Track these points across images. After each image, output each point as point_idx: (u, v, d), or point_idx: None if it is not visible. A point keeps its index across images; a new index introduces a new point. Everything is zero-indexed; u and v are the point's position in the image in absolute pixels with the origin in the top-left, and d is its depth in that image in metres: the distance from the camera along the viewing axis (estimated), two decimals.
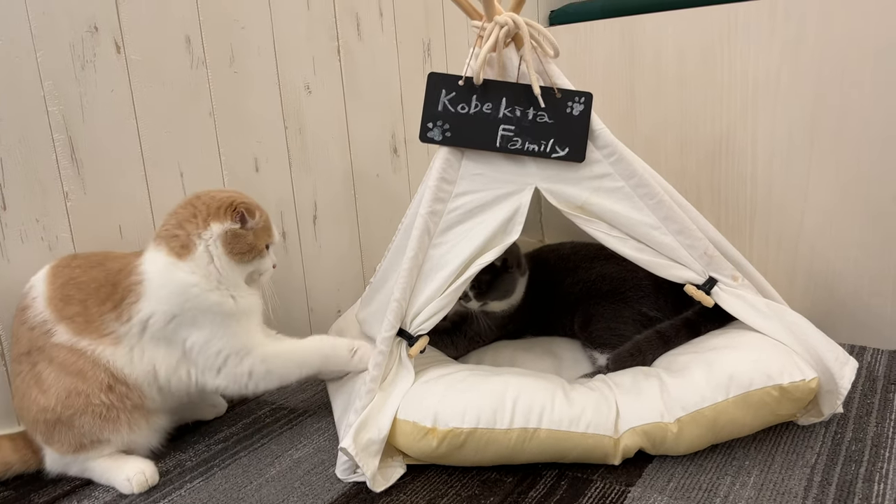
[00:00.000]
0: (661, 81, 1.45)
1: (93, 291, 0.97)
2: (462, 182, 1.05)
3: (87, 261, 1.00)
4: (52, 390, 0.94)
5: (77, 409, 0.94)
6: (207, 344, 0.99)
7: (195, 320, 0.98)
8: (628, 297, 1.21)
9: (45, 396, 0.94)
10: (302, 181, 1.35)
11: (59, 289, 0.97)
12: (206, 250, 0.99)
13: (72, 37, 1.06)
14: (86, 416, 0.94)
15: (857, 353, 1.26)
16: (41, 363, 0.95)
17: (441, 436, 0.92)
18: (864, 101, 1.22)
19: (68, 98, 1.06)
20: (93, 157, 1.10)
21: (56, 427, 0.95)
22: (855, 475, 0.91)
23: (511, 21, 1.00)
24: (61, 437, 0.95)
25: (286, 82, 1.30)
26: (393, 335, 1.01)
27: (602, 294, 1.23)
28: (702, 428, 0.94)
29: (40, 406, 0.94)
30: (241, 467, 1.02)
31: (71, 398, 0.94)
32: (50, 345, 0.95)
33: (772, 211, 1.35)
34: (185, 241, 0.99)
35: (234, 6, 1.22)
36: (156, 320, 0.97)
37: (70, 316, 0.96)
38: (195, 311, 0.98)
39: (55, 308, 0.96)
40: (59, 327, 0.95)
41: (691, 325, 1.12)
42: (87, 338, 0.95)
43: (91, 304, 0.96)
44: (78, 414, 0.94)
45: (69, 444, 0.96)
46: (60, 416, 0.94)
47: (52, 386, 0.94)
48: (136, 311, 0.96)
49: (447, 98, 1.04)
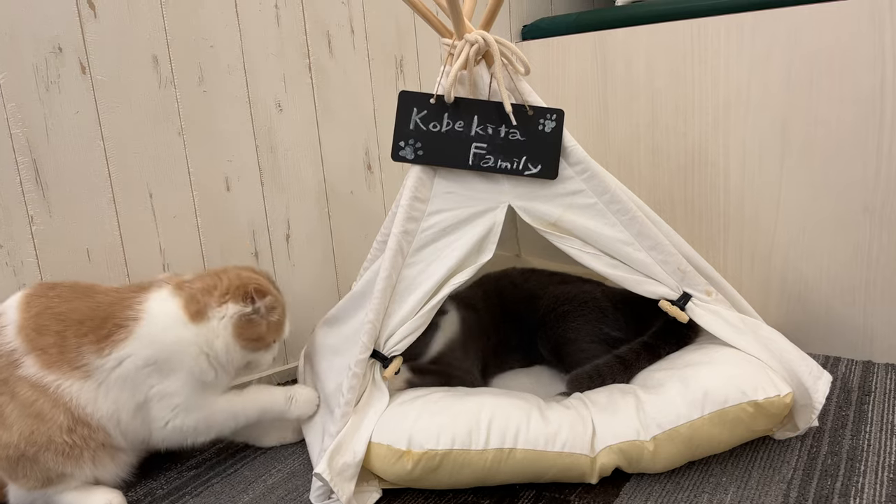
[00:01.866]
0: (633, 95, 1.45)
1: (73, 323, 0.94)
2: (435, 200, 1.04)
3: (69, 291, 0.98)
4: (14, 427, 0.91)
5: (41, 446, 0.91)
6: (169, 397, 0.97)
7: (171, 373, 0.96)
8: (588, 317, 1.20)
9: (7, 432, 0.91)
10: (274, 200, 1.33)
11: (34, 318, 0.94)
12: (216, 326, 0.98)
13: (35, 58, 1.04)
14: (49, 453, 0.92)
15: (831, 364, 1.26)
16: (3, 396, 0.92)
17: (416, 458, 0.91)
18: (831, 112, 1.23)
19: (32, 120, 1.04)
20: (58, 179, 1.08)
21: (20, 463, 0.92)
22: (831, 490, 0.91)
23: (481, 39, 0.99)
24: (26, 472, 0.92)
25: (257, 100, 1.28)
26: (367, 357, 0.99)
27: (562, 315, 1.22)
28: (678, 446, 0.94)
29: (2, 442, 0.91)
30: (214, 495, 1.00)
31: (34, 436, 0.91)
32: (15, 377, 0.92)
33: (745, 223, 1.36)
34: (201, 309, 0.98)
35: (203, 25, 1.20)
36: (133, 360, 0.94)
37: (42, 347, 0.93)
38: (178, 365, 0.96)
39: (26, 338, 0.93)
40: (27, 359, 0.92)
41: (650, 348, 1.12)
42: (55, 372, 0.93)
43: (69, 334, 0.94)
44: (42, 450, 0.92)
45: (35, 479, 0.93)
46: (24, 453, 0.91)
47: (15, 423, 0.91)
48: (121, 347, 0.94)
49: (419, 116, 1.03)
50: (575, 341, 1.19)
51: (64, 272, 1.10)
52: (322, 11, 1.35)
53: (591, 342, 1.18)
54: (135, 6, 1.13)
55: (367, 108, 1.43)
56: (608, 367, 1.10)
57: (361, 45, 1.41)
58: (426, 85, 1.53)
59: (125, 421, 0.96)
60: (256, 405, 1.05)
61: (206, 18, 1.21)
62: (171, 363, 0.96)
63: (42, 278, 1.07)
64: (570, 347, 1.19)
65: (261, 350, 1.03)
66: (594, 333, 1.19)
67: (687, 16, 1.37)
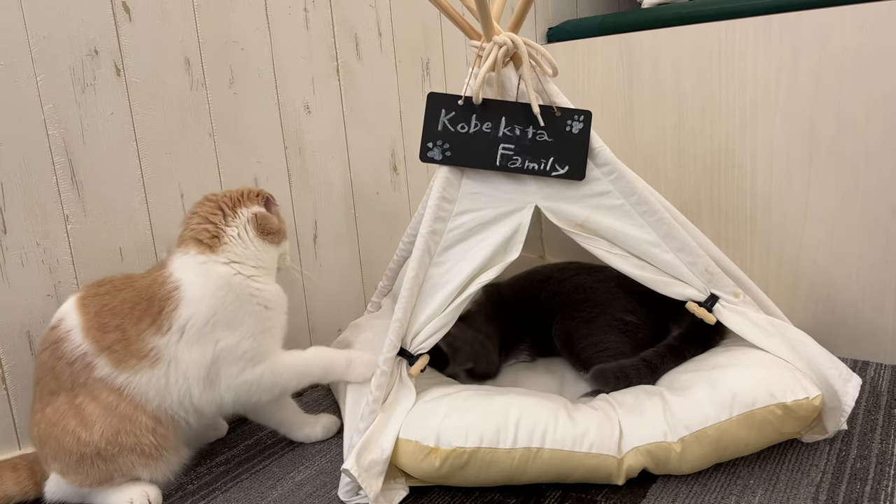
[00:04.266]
0: (659, 97, 1.45)
1: (127, 312, 0.96)
2: (462, 201, 1.05)
3: (112, 286, 1.00)
4: (97, 426, 0.93)
5: (124, 447, 0.94)
6: (235, 347, 0.98)
7: (233, 319, 0.98)
8: (602, 304, 1.21)
9: (88, 431, 0.93)
10: (302, 200, 1.35)
11: (94, 318, 0.96)
12: (237, 235, 1.01)
13: (72, 60, 1.06)
14: (133, 455, 0.94)
15: (859, 368, 1.25)
16: (82, 397, 0.94)
17: (444, 456, 0.92)
18: (860, 114, 1.22)
19: (69, 121, 1.07)
20: (93, 179, 1.10)
21: (89, 461, 0.93)
22: (860, 493, 0.90)
23: (510, 41, 1.00)
24: (89, 470, 0.94)
25: (286, 102, 1.30)
26: (394, 355, 1.00)
27: (576, 304, 1.23)
28: (705, 447, 0.94)
29: (80, 439, 0.92)
30: (243, 490, 1.01)
31: (119, 436, 0.93)
32: (92, 380, 0.94)
33: (772, 225, 1.35)
34: (215, 232, 1.00)
35: (234, 28, 1.22)
36: (194, 322, 0.96)
37: (109, 345, 0.95)
38: (235, 304, 0.98)
39: (94, 339, 0.95)
40: (99, 360, 0.94)
41: (675, 351, 1.12)
42: (126, 370, 0.95)
43: (128, 325, 0.96)
44: (126, 452, 0.94)
45: (94, 478, 0.95)
46: (101, 452, 0.93)
47: (97, 422, 0.93)
48: (175, 317, 0.96)
49: (447, 118, 1.04)
50: (588, 335, 1.19)
51: (97, 270, 1.12)
52: (350, 14, 1.36)
53: (606, 332, 1.19)
54: (168, 9, 1.15)
55: (393, 109, 1.45)
56: (635, 368, 1.10)
57: (388, 48, 1.43)
58: (452, 87, 1.54)
59: (197, 395, 0.98)
60: (320, 364, 1.06)
61: (237, 21, 1.23)
62: (230, 306, 0.97)
63: (76, 276, 1.10)
64: (583, 342, 1.20)
65: (283, 240, 1.08)
66: (607, 323, 1.19)
67: (713, 18, 1.37)
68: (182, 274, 0.98)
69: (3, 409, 1.04)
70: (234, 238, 1.01)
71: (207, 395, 0.99)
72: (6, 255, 1.02)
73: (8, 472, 0.98)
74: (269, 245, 1.05)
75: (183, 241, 1.01)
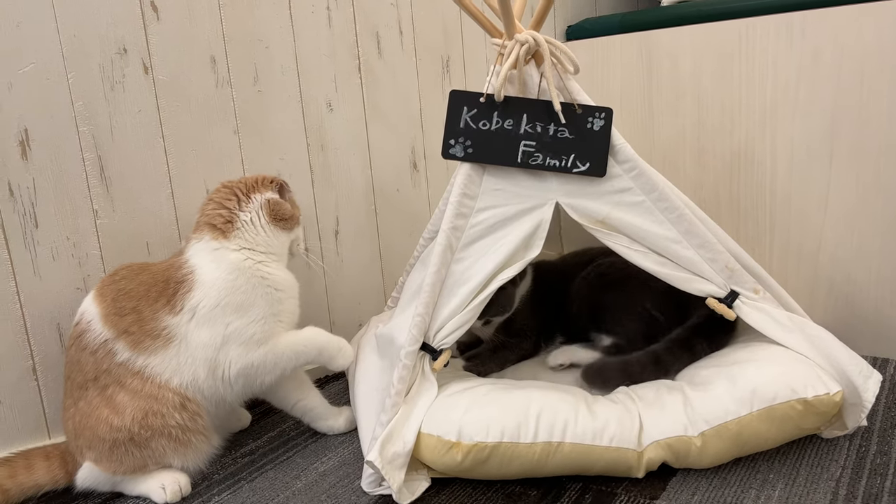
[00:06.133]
0: (678, 95, 1.46)
1: (143, 294, 0.99)
2: (484, 197, 1.06)
3: (129, 271, 1.03)
4: (127, 410, 0.95)
5: (155, 431, 0.96)
6: (246, 327, 1.00)
7: (243, 302, 1.00)
8: (635, 290, 1.22)
9: (119, 416, 0.95)
10: (324, 196, 1.36)
11: (111, 304, 0.99)
12: (250, 220, 1.04)
13: (101, 58, 1.08)
14: (164, 439, 0.97)
15: (879, 365, 1.25)
16: (111, 386, 0.97)
17: (466, 450, 0.93)
18: (882, 112, 1.22)
19: (98, 118, 1.09)
20: (121, 175, 1.12)
21: (122, 448, 0.96)
22: (880, 489, 0.91)
23: (531, 39, 1.01)
24: (123, 458, 0.96)
25: (309, 100, 1.32)
26: (416, 349, 1.02)
27: (610, 283, 1.25)
28: (726, 442, 0.94)
29: (113, 426, 0.95)
30: (268, 481, 1.03)
31: (148, 419, 0.95)
32: (115, 365, 0.97)
33: (791, 222, 1.35)
34: (229, 218, 1.04)
35: (258, 26, 1.24)
36: (206, 303, 0.98)
37: (125, 328, 0.97)
38: (246, 287, 1.00)
39: (112, 324, 0.98)
40: (118, 344, 0.97)
41: (684, 344, 1.13)
42: (142, 352, 0.97)
43: (143, 306, 0.98)
44: (157, 436, 0.96)
45: (128, 465, 0.97)
46: (134, 437, 0.95)
47: (128, 407, 0.95)
48: (188, 299, 0.98)
49: (469, 115, 1.05)
50: (615, 310, 1.23)
51: None
52: (371, 13, 1.38)
53: (630, 317, 1.21)
54: (195, 8, 1.17)
55: (413, 107, 1.46)
56: (639, 364, 1.10)
57: (409, 46, 1.44)
58: (471, 85, 1.55)
59: (202, 377, 0.99)
60: (315, 344, 1.07)
61: (262, 20, 1.25)
62: (237, 292, 1.00)
63: (104, 270, 1.12)
64: (607, 315, 1.23)
65: (296, 226, 1.11)
66: (634, 309, 1.22)
67: (733, 16, 1.37)
68: (196, 259, 1.01)
69: (34, 398, 1.06)
70: (246, 223, 1.04)
71: (210, 381, 1.00)
72: (37, 249, 1.05)
73: (40, 461, 1.00)
74: (280, 231, 1.07)
75: (198, 227, 1.04)
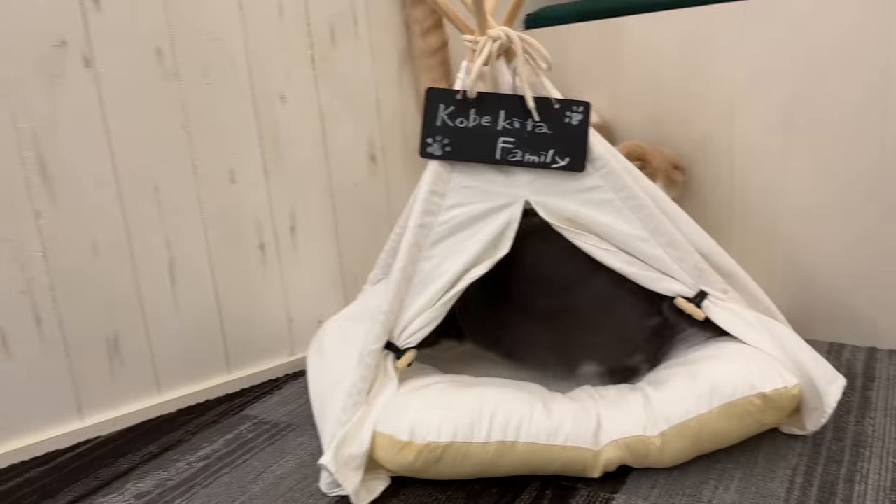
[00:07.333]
0: (638, 84, 1.45)
1: None
2: (453, 195, 1.04)
3: None
4: None
5: None
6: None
7: None
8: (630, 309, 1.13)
9: None
10: (279, 191, 1.33)
11: None
12: None
13: (38, 52, 1.04)
14: None
15: (835, 350, 1.27)
16: None
17: (417, 450, 0.92)
18: (835, 102, 1.23)
19: (37, 114, 1.05)
20: (64, 174, 1.08)
21: None
22: (836, 476, 0.92)
23: (504, 35, 0.99)
24: None
25: (260, 93, 1.28)
26: (380, 348, 1.00)
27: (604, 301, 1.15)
28: (687, 440, 0.94)
29: None
30: (224, 486, 1.01)
31: None
32: None
33: (749, 212, 1.36)
34: None
35: (206, 17, 1.20)
36: None
37: None
38: None
39: None
40: None
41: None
42: None
43: None
44: None
45: None
46: None
47: None
48: None
49: (446, 113, 1.03)
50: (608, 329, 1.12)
51: (70, 266, 1.11)
52: (325, 2, 1.34)
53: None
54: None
55: (370, 98, 1.43)
56: None
57: (365, 35, 1.41)
58: None
59: None
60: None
61: (210, 11, 1.21)
62: None
63: (49, 273, 1.08)
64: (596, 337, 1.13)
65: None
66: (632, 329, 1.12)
67: (692, 3, 1.36)
68: None
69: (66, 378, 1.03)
70: None
71: None
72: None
73: None
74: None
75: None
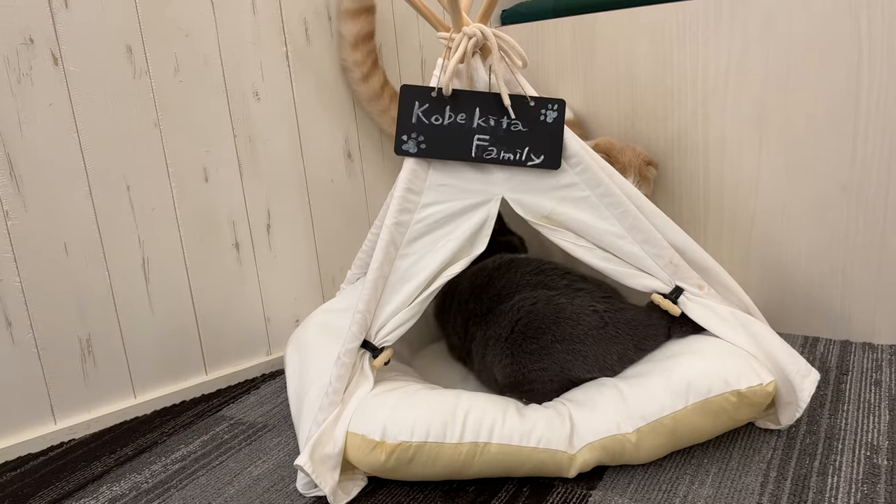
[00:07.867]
0: (613, 81, 1.45)
1: None
2: (429, 192, 1.03)
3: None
4: None
5: None
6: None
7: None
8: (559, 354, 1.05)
9: None
10: (254, 189, 1.32)
11: None
12: None
13: (5, 49, 1.02)
14: None
15: (810, 343, 1.28)
16: None
17: (389, 450, 0.91)
18: (808, 97, 1.24)
19: (5, 113, 1.03)
20: (34, 173, 1.06)
21: None
22: (809, 469, 0.92)
23: (479, 32, 0.99)
24: None
25: (234, 90, 1.27)
26: (357, 347, 0.99)
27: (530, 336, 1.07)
28: (661, 437, 0.94)
29: None
30: (199, 488, 0.99)
31: None
32: None
33: (724, 208, 1.37)
34: None
35: (177, 14, 1.19)
36: None
37: None
38: None
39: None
40: None
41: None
42: None
43: None
44: None
45: None
46: None
47: None
48: None
49: (420, 110, 1.03)
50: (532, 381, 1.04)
51: (41, 267, 1.09)
52: None
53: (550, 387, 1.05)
54: None
55: (345, 95, 1.42)
56: None
57: None
58: (404, 72, 1.52)
59: None
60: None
61: (181, 7, 1.19)
62: None
63: (19, 275, 1.06)
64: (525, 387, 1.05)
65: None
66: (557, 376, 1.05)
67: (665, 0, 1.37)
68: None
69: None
70: None
71: None
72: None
73: None
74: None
75: None
